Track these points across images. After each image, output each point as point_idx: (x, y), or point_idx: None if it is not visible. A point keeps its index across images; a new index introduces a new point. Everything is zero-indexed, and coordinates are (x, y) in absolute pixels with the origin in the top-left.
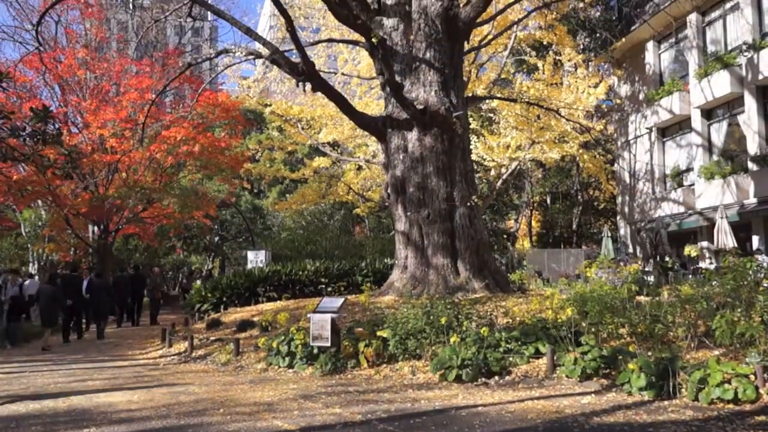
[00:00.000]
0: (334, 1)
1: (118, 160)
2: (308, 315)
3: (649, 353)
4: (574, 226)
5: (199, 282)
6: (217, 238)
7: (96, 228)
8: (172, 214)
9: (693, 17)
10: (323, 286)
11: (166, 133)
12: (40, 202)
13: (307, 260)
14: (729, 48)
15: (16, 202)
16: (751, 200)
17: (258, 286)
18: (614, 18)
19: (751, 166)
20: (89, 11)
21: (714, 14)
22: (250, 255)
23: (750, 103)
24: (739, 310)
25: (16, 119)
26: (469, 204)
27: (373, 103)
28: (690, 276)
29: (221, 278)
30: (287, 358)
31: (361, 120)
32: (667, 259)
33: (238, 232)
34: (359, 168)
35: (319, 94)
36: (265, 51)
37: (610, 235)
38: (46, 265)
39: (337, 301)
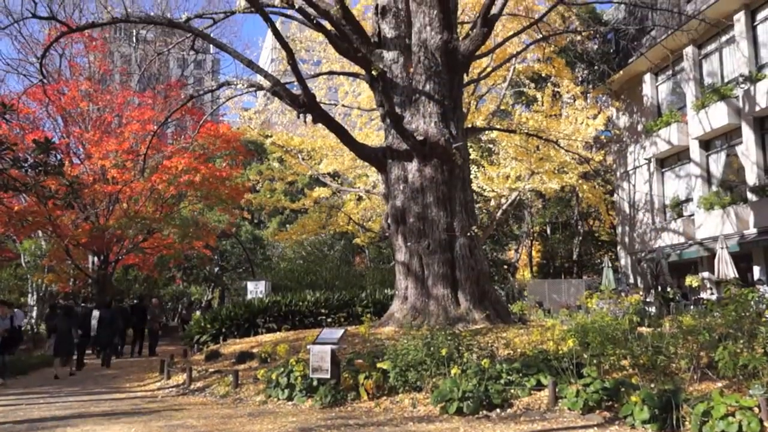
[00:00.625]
0: (335, 35)
1: (119, 190)
2: (308, 346)
3: (652, 385)
4: (574, 257)
5: (198, 313)
6: (217, 269)
7: (96, 258)
8: (172, 244)
9: (689, 50)
10: (323, 317)
11: (167, 163)
12: (40, 232)
13: (307, 291)
14: (726, 80)
15: (17, 233)
16: (751, 230)
17: (257, 317)
18: (612, 51)
19: (750, 196)
20: (93, 45)
21: (710, 47)
22: (250, 285)
23: (747, 134)
24: (741, 341)
25: (19, 150)
26: (469, 234)
27: (373, 134)
28: (691, 307)
29: (221, 309)
30: (286, 390)
31: (362, 151)
32: (668, 289)
33: (238, 262)
34: (359, 198)
35: (319, 125)
36: (266, 83)
37: (610, 265)
38: (45, 296)
39: (337, 333)
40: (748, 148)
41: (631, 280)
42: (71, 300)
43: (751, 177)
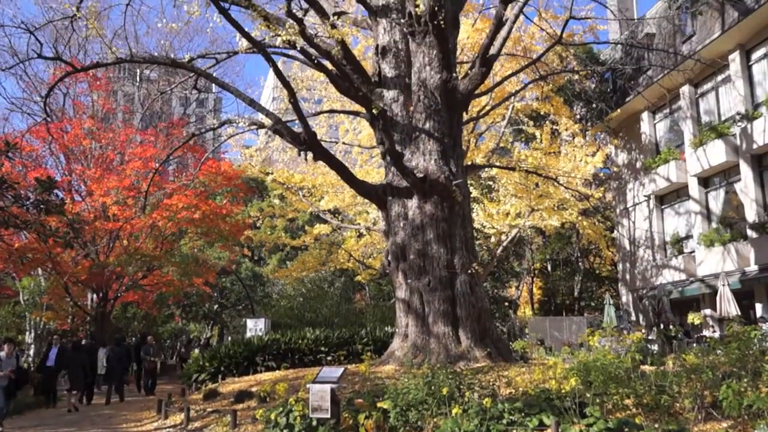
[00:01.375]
0: (336, 74)
1: (119, 227)
2: (307, 385)
3: (656, 425)
4: (575, 294)
5: (197, 351)
6: (216, 306)
7: (95, 296)
8: (171, 281)
9: (686, 89)
10: (323, 355)
11: (168, 201)
12: (39, 270)
13: (307, 328)
14: (722, 118)
15: (16, 270)
16: (752, 267)
17: (257, 356)
18: (609, 90)
19: (750, 233)
20: (97, 84)
21: (706, 86)
22: (250, 323)
23: (746, 171)
24: (745, 380)
25: (21, 188)
26: (469, 271)
27: (373, 171)
28: (694, 344)
29: (220, 347)
30: (286, 431)
31: (362, 188)
32: (670, 327)
33: (237, 299)
34: (360, 235)
35: (320, 162)
36: (267, 121)
37: (612, 302)
38: (43, 334)
39: (337, 371)
40: (746, 185)
41: (633, 318)
42: (71, 337)
43: (751, 214)
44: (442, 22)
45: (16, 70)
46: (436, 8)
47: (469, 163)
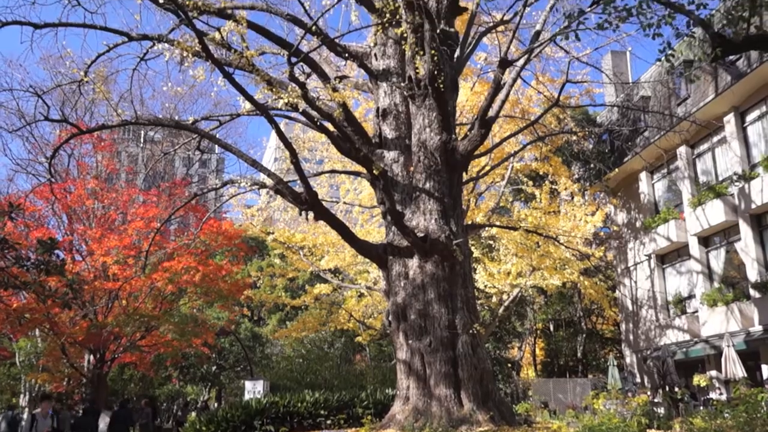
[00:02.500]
0: (337, 135)
1: (119, 287)
2: None
3: None
4: (578, 355)
5: (194, 414)
6: (214, 368)
7: (92, 357)
8: (170, 342)
9: (683, 150)
10: (322, 418)
11: (167, 264)
12: (37, 330)
13: (306, 391)
14: (720, 178)
15: (14, 331)
16: (757, 327)
17: (255, 419)
18: (607, 150)
19: (752, 293)
20: (102, 145)
21: (703, 147)
22: (248, 385)
23: (745, 231)
24: None
25: (22, 248)
26: (471, 332)
27: (374, 230)
28: (701, 407)
29: (217, 410)
30: None
31: (363, 247)
32: (676, 389)
33: (236, 360)
34: (360, 295)
35: (321, 222)
36: (269, 181)
37: (615, 363)
38: (38, 396)
39: None
40: (747, 244)
41: (638, 379)
42: (65, 400)
43: (752, 273)
44: (441, 86)
45: (23, 132)
46: (435, 72)
47: (470, 222)
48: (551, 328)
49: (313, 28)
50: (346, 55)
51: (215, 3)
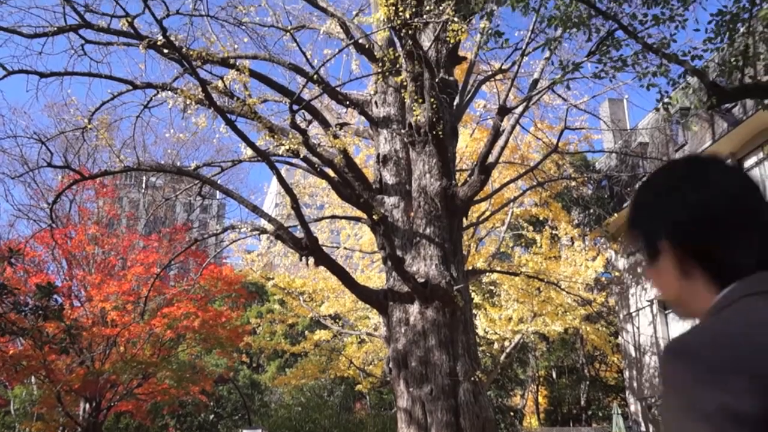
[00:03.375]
0: (338, 181)
1: (117, 333)
2: None
3: None
4: (582, 402)
5: None
6: (212, 416)
7: (87, 405)
8: (167, 389)
9: None
10: None
11: (167, 310)
12: (33, 378)
13: None
14: None
15: (9, 378)
16: None
17: None
18: (606, 196)
19: None
20: (104, 191)
21: None
22: None
23: None
24: None
25: (21, 293)
26: (473, 379)
27: (374, 276)
28: None
29: None
30: None
31: (363, 293)
32: None
33: (234, 409)
34: (361, 341)
35: (321, 267)
36: (270, 227)
37: (620, 412)
38: None
39: None
40: None
41: (643, 428)
42: None
43: None
44: (441, 133)
45: (25, 178)
46: (435, 120)
47: (470, 268)
48: (554, 376)
49: (315, 76)
50: (347, 102)
51: (219, 53)
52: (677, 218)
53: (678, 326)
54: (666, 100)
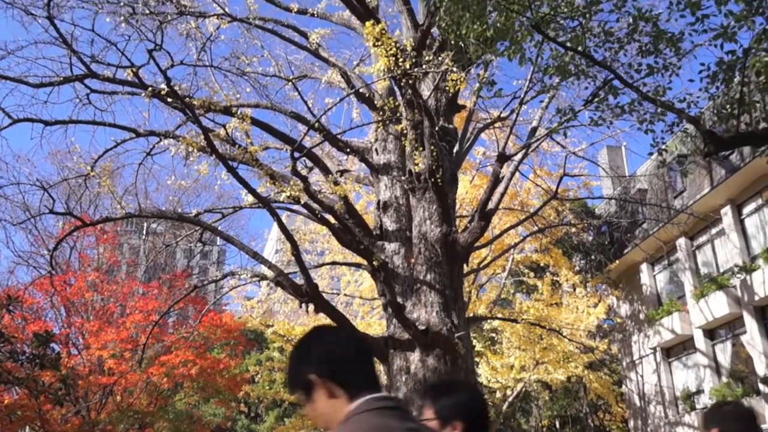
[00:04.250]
0: (338, 227)
1: (114, 382)
2: None
3: None
4: None
5: None
6: None
7: None
8: None
9: (682, 241)
10: None
11: (165, 358)
12: (27, 428)
13: None
14: (721, 269)
15: (4, 428)
16: None
17: None
18: (607, 242)
19: (762, 387)
20: (104, 237)
21: (702, 239)
22: None
23: (750, 323)
24: None
25: (18, 341)
26: None
27: (375, 323)
28: None
29: None
30: None
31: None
32: None
33: None
34: None
35: (321, 314)
36: (270, 273)
37: None
38: None
39: None
40: (753, 337)
41: None
42: None
43: (761, 368)
44: (441, 180)
45: (27, 225)
46: (435, 167)
47: (472, 314)
48: (557, 425)
49: (316, 124)
50: (348, 149)
51: (221, 102)
52: (320, 359)
53: (683, 375)
54: (662, 147)
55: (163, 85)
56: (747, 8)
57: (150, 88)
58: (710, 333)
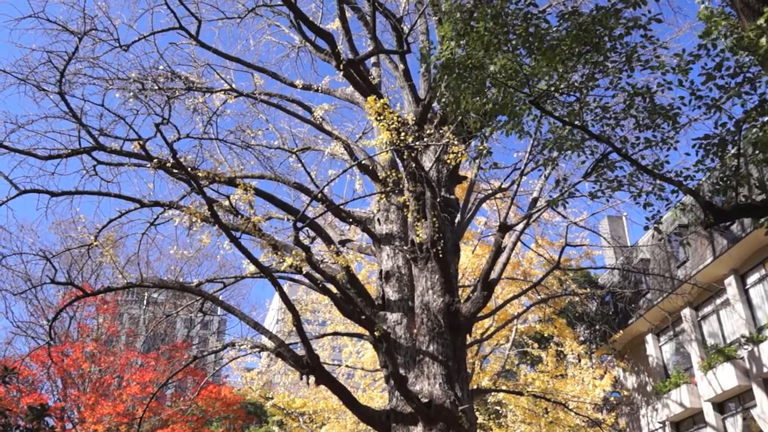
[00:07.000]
0: (340, 298)
1: None
2: None
3: None
4: None
5: None
6: None
7: None
8: None
9: (687, 312)
10: None
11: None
12: None
13: None
14: (728, 340)
15: None
16: None
17: None
18: (611, 312)
19: None
20: (105, 307)
21: (707, 309)
22: None
23: (760, 396)
24: None
25: (12, 414)
26: None
27: (377, 395)
28: None
29: None
30: None
31: (365, 414)
32: None
33: None
34: None
35: (322, 386)
36: (270, 344)
37: None
38: None
39: None
40: (763, 410)
41: None
42: None
43: None
44: (443, 250)
45: (27, 294)
46: (436, 237)
47: (475, 386)
48: None
49: (319, 195)
50: (351, 220)
51: (226, 173)
52: None
53: None
54: (658, 221)
55: (169, 157)
56: (738, 84)
57: (156, 160)
58: (720, 406)
